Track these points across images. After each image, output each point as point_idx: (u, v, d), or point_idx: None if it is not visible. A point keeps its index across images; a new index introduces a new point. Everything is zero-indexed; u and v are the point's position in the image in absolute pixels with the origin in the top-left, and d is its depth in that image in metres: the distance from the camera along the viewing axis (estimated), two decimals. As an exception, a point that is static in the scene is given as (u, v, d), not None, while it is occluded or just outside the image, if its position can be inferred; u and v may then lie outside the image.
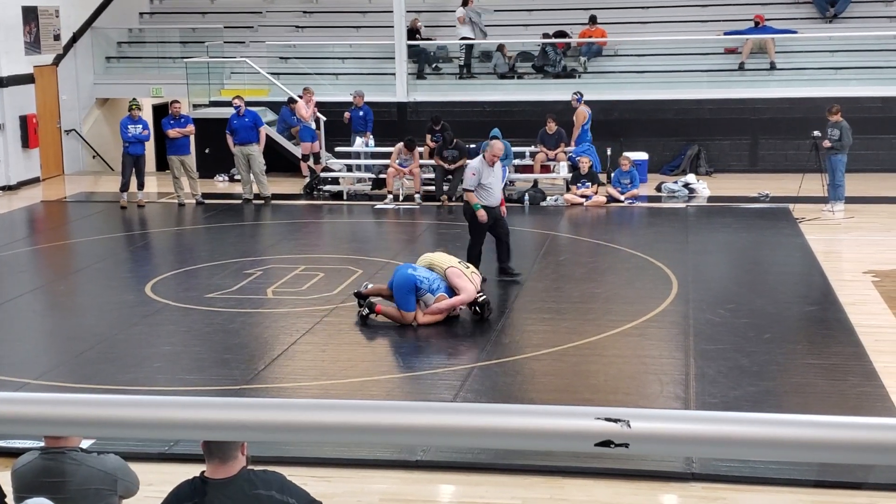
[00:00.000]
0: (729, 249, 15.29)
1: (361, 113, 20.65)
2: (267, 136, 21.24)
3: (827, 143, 16.91)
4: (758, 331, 10.84)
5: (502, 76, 22.78)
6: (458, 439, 1.65)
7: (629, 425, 1.55)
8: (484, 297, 11.29)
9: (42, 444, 5.24)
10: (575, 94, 20.21)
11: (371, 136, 20.54)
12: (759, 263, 14.21)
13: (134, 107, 19.03)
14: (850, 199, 17.28)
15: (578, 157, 19.05)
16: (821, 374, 9.58)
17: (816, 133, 17.19)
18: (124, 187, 18.80)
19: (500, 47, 22.88)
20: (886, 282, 12.70)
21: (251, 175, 18.99)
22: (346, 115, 20.52)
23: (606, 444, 1.56)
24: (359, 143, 20.42)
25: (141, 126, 18.79)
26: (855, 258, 14.15)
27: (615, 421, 1.55)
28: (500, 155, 13.11)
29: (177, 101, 19.47)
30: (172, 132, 18.76)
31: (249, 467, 4.45)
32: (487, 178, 12.85)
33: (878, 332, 10.77)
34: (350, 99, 20.80)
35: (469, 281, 11.23)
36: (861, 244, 14.98)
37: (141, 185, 18.96)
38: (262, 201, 18.93)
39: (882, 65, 21.71)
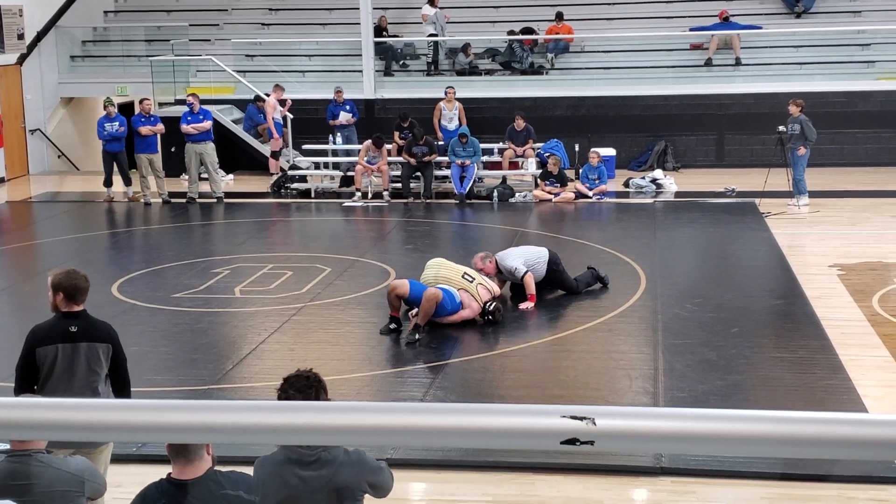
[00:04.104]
0: (696, 244, 15.38)
1: (348, 108, 20.64)
2: (233, 133, 21.24)
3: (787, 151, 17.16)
4: (725, 325, 10.91)
5: (460, 73, 22.80)
6: (424, 439, 1.65)
7: (594, 423, 1.55)
8: (493, 304, 11.24)
9: (7, 446, 5.20)
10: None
11: (353, 121, 20.52)
12: (726, 258, 14.29)
13: (108, 104, 19.24)
14: (814, 194, 17.41)
15: (547, 155, 19.11)
16: (788, 368, 9.65)
17: (781, 128, 17.32)
18: (106, 184, 19.20)
19: (465, 47, 22.89)
20: (852, 275, 12.82)
21: (199, 174, 18.98)
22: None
23: (572, 441, 1.56)
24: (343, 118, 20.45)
25: (117, 123, 18.98)
26: (821, 252, 14.27)
27: (580, 419, 1.56)
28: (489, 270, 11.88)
29: (147, 99, 19.51)
30: (145, 129, 18.75)
31: (217, 468, 4.43)
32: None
33: (844, 325, 10.86)
34: (331, 96, 20.86)
35: (473, 298, 11.18)
36: (826, 238, 15.10)
37: (127, 181, 19.25)
38: (215, 200, 18.87)
39: (846, 60, 21.89)
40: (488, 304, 11.18)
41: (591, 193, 18.36)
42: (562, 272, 12.21)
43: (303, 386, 4.59)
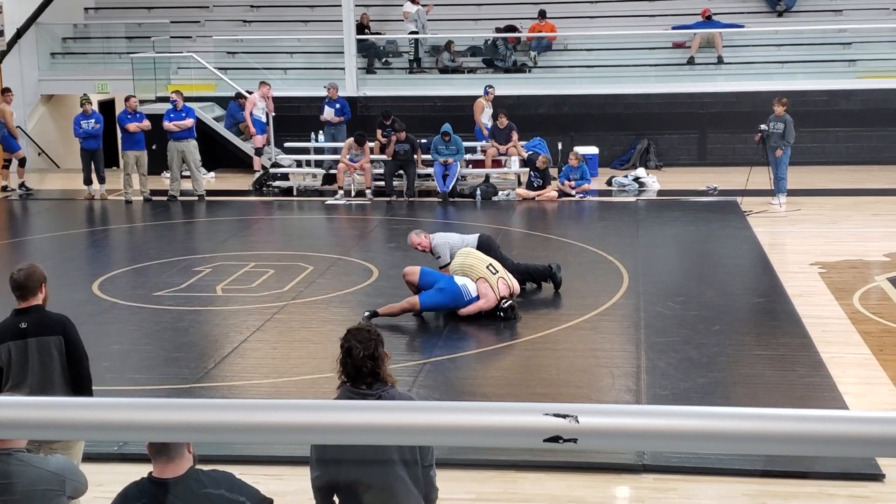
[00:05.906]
0: (678, 243, 15.41)
1: (338, 105, 20.55)
2: (214, 131, 21.17)
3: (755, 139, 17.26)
4: (707, 323, 10.94)
5: (443, 71, 22.78)
6: (407, 437, 1.64)
7: (577, 420, 1.55)
8: (509, 302, 11.25)
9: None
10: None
11: (343, 123, 20.45)
12: (708, 256, 14.34)
13: (85, 102, 19.17)
14: (795, 192, 17.49)
15: (534, 153, 19.12)
16: (769, 365, 9.68)
17: (763, 127, 17.37)
18: (86, 182, 19.18)
19: (448, 45, 22.88)
20: (832, 273, 12.87)
21: (181, 172, 18.93)
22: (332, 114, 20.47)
23: (555, 439, 1.56)
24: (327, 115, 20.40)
25: (93, 120, 18.92)
26: (802, 250, 14.32)
27: (563, 416, 1.56)
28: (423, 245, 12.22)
29: (133, 96, 19.45)
30: (132, 126, 18.68)
31: (198, 467, 4.42)
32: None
33: (825, 322, 10.91)
34: (313, 93, 20.79)
35: (492, 288, 11.20)
36: (807, 236, 15.17)
37: (101, 180, 19.18)
38: (197, 198, 18.82)
39: (827, 58, 21.99)
40: (504, 301, 11.20)
41: (574, 192, 18.39)
42: (495, 251, 12.15)
43: (363, 338, 4.92)
